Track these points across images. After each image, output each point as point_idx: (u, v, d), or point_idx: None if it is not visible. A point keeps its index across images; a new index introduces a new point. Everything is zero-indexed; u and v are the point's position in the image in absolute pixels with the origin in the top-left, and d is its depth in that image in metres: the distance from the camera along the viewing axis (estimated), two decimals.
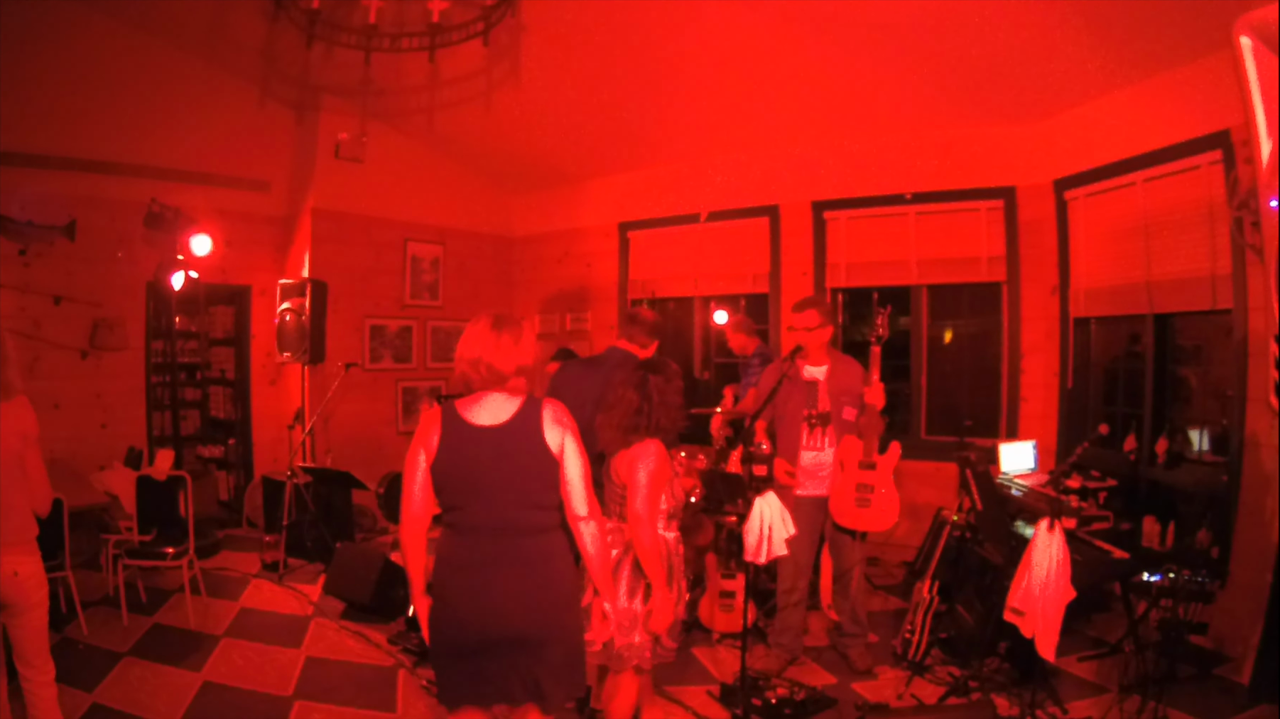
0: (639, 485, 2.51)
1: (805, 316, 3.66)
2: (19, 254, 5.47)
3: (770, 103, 5.49)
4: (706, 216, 6.64)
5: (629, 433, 2.59)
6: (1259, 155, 1.99)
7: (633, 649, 2.57)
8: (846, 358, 3.81)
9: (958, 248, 5.57)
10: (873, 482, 3.54)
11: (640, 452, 2.55)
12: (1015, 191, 5.36)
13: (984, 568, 3.88)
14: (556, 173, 7.46)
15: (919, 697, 3.43)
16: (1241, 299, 3.82)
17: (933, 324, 5.89)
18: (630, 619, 2.57)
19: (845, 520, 3.61)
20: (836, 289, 6.07)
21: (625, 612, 2.56)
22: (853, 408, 3.64)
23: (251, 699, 3.43)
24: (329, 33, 3.84)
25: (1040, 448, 4.71)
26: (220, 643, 4.00)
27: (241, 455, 6.80)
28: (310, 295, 5.82)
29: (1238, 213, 3.70)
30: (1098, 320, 4.98)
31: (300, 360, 5.90)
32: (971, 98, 5.00)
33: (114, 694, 3.38)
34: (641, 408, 2.58)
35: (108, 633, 4.04)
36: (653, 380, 2.64)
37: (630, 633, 2.57)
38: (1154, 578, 3.55)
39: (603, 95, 5.74)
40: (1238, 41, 1.99)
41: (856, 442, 3.58)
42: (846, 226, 5.98)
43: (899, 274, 5.78)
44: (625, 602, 2.57)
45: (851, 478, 3.58)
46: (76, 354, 5.73)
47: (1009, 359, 5.44)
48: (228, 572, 5.19)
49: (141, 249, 5.86)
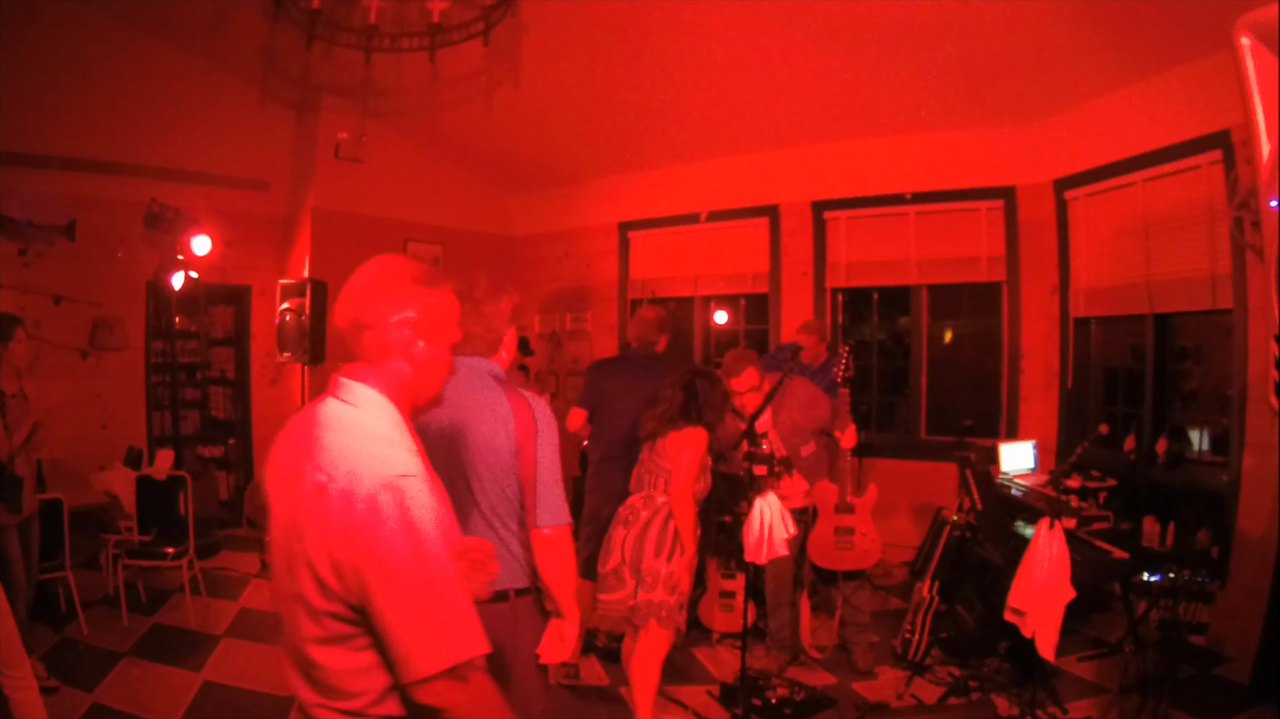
0: (683, 462, 2.93)
1: (744, 378, 3.36)
2: (19, 254, 5.47)
3: (770, 103, 5.48)
4: (706, 216, 6.64)
5: (669, 423, 2.99)
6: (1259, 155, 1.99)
7: (653, 606, 2.89)
8: (793, 386, 3.54)
9: (958, 248, 5.57)
10: (852, 523, 3.51)
11: (688, 436, 2.97)
12: (1015, 191, 5.36)
13: (984, 568, 3.88)
14: (556, 173, 7.45)
15: (919, 697, 3.43)
16: (1241, 299, 3.81)
17: (933, 324, 5.89)
18: (654, 576, 2.90)
19: (825, 563, 3.61)
20: (836, 289, 6.06)
21: (650, 569, 2.90)
22: (808, 441, 3.59)
23: (251, 699, 3.43)
24: (329, 33, 3.85)
25: (1040, 448, 4.71)
26: (220, 643, 4.01)
27: (241, 455, 6.80)
28: (310, 295, 5.81)
29: (1238, 213, 3.70)
30: (1098, 320, 4.98)
31: (300, 360, 5.89)
32: (971, 98, 5.00)
33: (114, 694, 3.38)
34: (687, 404, 2.99)
35: (108, 633, 4.04)
36: (699, 384, 3.05)
37: (654, 589, 2.89)
38: (1154, 578, 3.55)
39: (603, 95, 5.74)
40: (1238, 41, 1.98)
41: (830, 486, 3.57)
42: (846, 226, 5.98)
43: (899, 274, 5.78)
44: (651, 560, 2.91)
45: (829, 522, 3.56)
46: (76, 354, 5.73)
47: (1009, 359, 5.44)
48: (228, 572, 5.19)
49: (141, 249, 5.85)
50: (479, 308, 2.03)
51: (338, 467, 1.19)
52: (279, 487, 1.28)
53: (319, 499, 1.18)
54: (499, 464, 1.91)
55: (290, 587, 1.21)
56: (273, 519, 1.29)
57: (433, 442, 1.97)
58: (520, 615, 1.97)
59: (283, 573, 1.24)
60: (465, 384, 1.99)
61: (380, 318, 1.32)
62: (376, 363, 1.33)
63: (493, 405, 1.94)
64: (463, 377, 2.00)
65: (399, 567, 1.15)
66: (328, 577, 1.16)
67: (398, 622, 1.15)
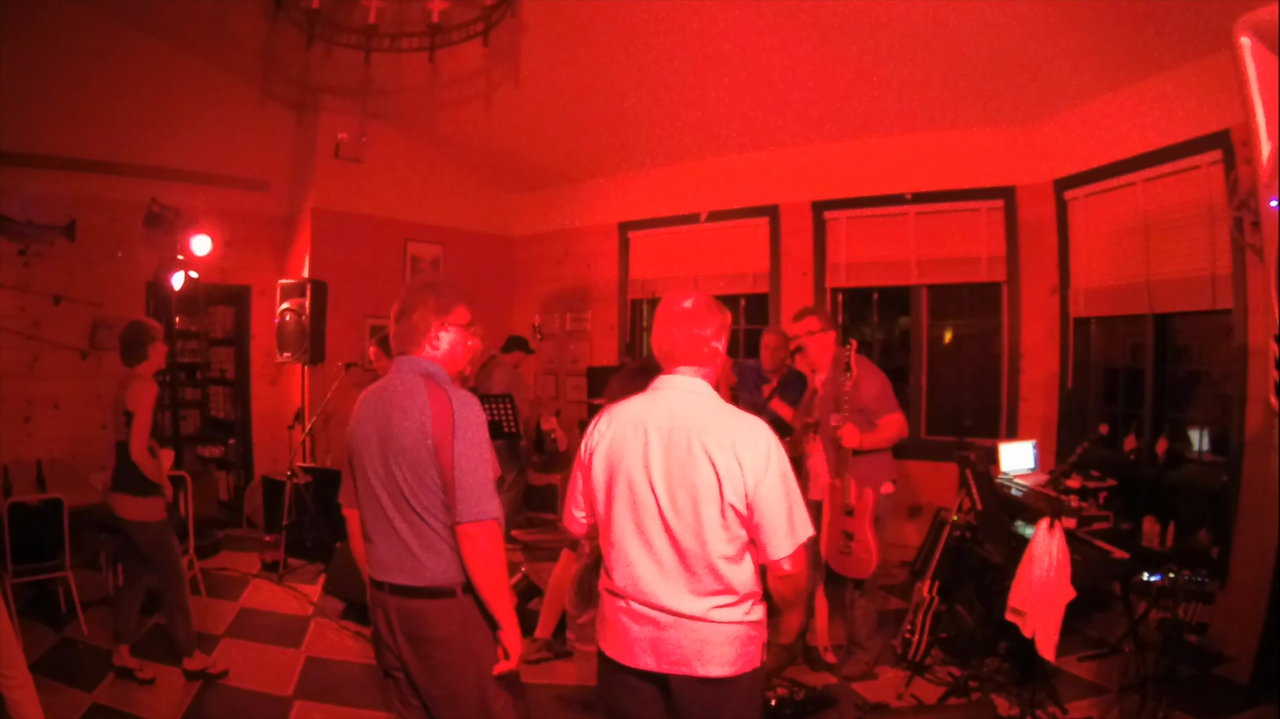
0: None
1: (806, 323, 3.68)
2: (19, 254, 5.47)
3: (770, 103, 5.48)
4: (706, 216, 6.64)
5: None
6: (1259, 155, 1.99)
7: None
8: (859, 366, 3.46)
9: (958, 248, 5.57)
10: (853, 528, 3.45)
11: None
12: (1015, 191, 5.36)
13: (984, 568, 3.88)
14: (556, 173, 7.46)
15: (919, 697, 3.43)
16: (1241, 299, 3.81)
17: (933, 324, 5.89)
18: None
19: (833, 565, 3.58)
20: (836, 289, 6.07)
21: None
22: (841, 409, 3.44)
23: (251, 699, 3.43)
24: (329, 33, 3.85)
25: (1040, 448, 4.71)
26: (220, 643, 4.00)
27: (241, 455, 6.80)
28: (310, 295, 5.82)
29: (1238, 213, 3.69)
30: (1098, 320, 4.98)
31: (300, 360, 5.90)
32: (971, 98, 5.00)
33: (114, 694, 3.38)
34: None
35: (108, 633, 4.03)
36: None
37: None
38: (1154, 578, 3.54)
39: (603, 95, 5.74)
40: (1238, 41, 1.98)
41: (837, 484, 3.50)
42: (846, 226, 5.98)
43: (899, 274, 5.78)
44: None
45: (837, 524, 3.52)
46: (76, 354, 5.73)
47: (1009, 359, 5.44)
48: (228, 572, 5.19)
49: (141, 249, 5.85)
50: (405, 304, 2.05)
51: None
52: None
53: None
54: (420, 460, 1.91)
55: (700, 536, 1.79)
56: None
57: (366, 442, 1.99)
58: (471, 611, 1.96)
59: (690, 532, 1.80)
60: (397, 383, 2.01)
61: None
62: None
63: (413, 401, 1.95)
64: (396, 375, 2.04)
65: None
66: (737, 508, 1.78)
67: (774, 511, 1.80)
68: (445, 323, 2.04)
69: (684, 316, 1.93)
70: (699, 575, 1.81)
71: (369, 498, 2.01)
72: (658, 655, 1.84)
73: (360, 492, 2.06)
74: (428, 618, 1.94)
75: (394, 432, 1.94)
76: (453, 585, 1.94)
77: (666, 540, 1.83)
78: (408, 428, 1.92)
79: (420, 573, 1.94)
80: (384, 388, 2.04)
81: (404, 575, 1.95)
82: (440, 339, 2.04)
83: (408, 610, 1.95)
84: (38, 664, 3.49)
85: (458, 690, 1.97)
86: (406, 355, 2.04)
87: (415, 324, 2.03)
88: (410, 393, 1.96)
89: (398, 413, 1.95)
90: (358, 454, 2.03)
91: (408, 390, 1.97)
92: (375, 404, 2.03)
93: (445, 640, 1.94)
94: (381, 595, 1.99)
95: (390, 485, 1.96)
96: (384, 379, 2.08)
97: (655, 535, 1.84)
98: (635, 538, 1.87)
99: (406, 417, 1.93)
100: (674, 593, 1.82)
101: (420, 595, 1.94)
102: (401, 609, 1.96)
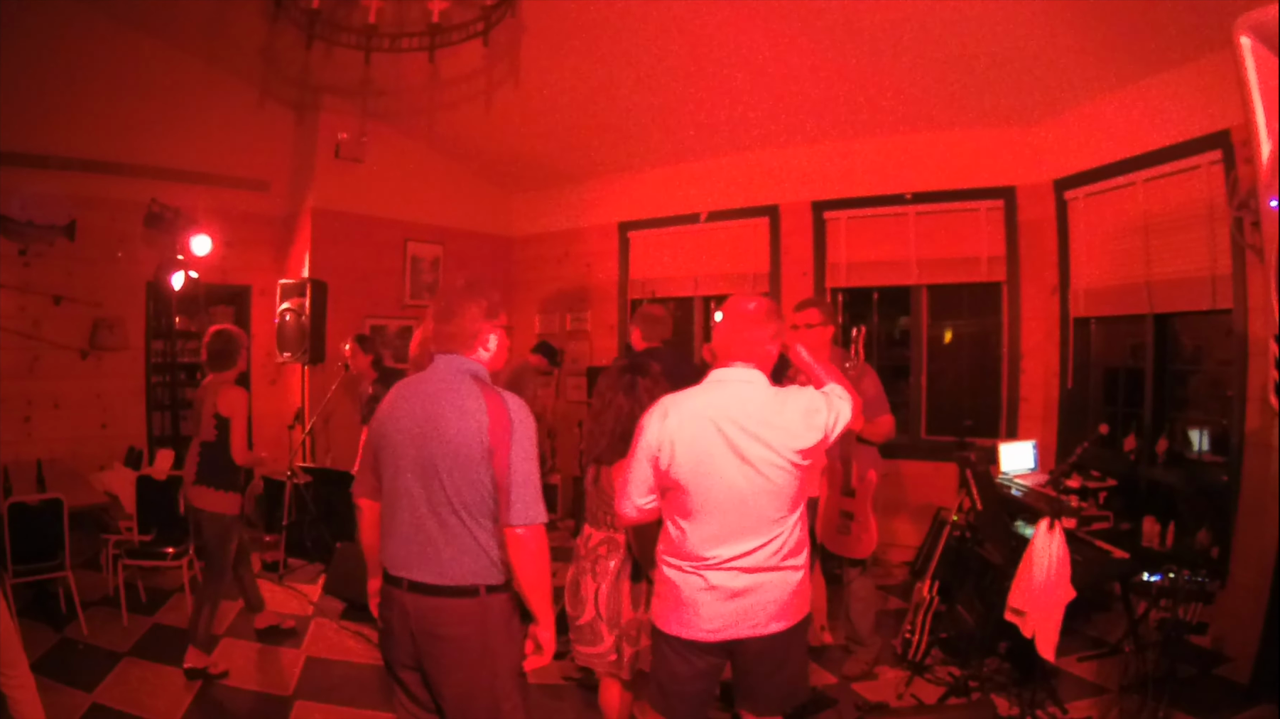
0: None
1: (807, 314, 3.61)
2: (19, 254, 5.47)
3: (770, 103, 5.48)
4: (706, 216, 6.64)
5: (623, 442, 2.39)
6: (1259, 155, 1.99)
7: (640, 657, 2.60)
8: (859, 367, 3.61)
9: (958, 248, 5.57)
10: (853, 508, 3.49)
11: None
12: (1015, 191, 5.36)
13: (984, 568, 3.88)
14: (556, 173, 7.46)
15: (919, 697, 3.43)
16: (1241, 299, 3.81)
17: (933, 324, 5.89)
18: (637, 628, 2.60)
19: (829, 545, 3.60)
20: (836, 289, 6.06)
21: (631, 622, 2.61)
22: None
23: (251, 699, 3.44)
24: (329, 33, 3.84)
25: (1040, 448, 4.71)
26: (220, 643, 4.00)
27: None
28: (310, 295, 5.82)
29: (1238, 213, 3.70)
30: (1098, 320, 4.98)
31: (300, 360, 5.90)
32: (971, 98, 5.00)
33: (114, 694, 3.38)
34: (634, 412, 2.43)
35: (108, 633, 4.04)
36: (642, 383, 2.56)
37: (638, 640, 2.60)
38: (1154, 578, 3.54)
39: (603, 95, 5.74)
40: (1238, 41, 1.99)
41: (836, 466, 3.55)
42: (846, 226, 5.98)
43: (899, 274, 5.78)
44: (631, 613, 2.61)
45: (835, 504, 3.56)
46: (76, 354, 5.73)
47: (1009, 359, 5.44)
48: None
49: (141, 249, 5.86)
50: (452, 306, 2.07)
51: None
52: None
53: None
54: (471, 461, 1.93)
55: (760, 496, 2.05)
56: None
57: (404, 438, 1.99)
58: (491, 612, 1.97)
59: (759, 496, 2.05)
60: (440, 381, 2.02)
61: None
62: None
63: (467, 403, 1.96)
64: (439, 374, 2.04)
65: None
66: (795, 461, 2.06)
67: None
68: (496, 325, 2.11)
69: (747, 319, 2.15)
70: (773, 534, 2.07)
71: (399, 492, 2.01)
72: (740, 620, 2.05)
73: (386, 486, 2.06)
74: (445, 616, 1.95)
75: (444, 430, 1.94)
76: (476, 585, 1.96)
77: (749, 506, 2.05)
78: (463, 428, 1.93)
79: (443, 571, 1.95)
80: (425, 385, 2.05)
81: (425, 572, 1.96)
82: (491, 341, 2.10)
83: (425, 608, 1.96)
84: (38, 664, 3.47)
85: (470, 690, 1.98)
86: (454, 355, 2.06)
87: (465, 326, 2.05)
88: (462, 393, 1.98)
89: (452, 412, 1.96)
90: (391, 448, 2.03)
91: (458, 390, 1.99)
92: (415, 400, 2.03)
93: (461, 640, 1.95)
94: (398, 591, 1.99)
95: (430, 482, 1.95)
96: (421, 375, 2.09)
97: (736, 507, 2.05)
98: (717, 512, 2.05)
99: (462, 417, 1.94)
100: (755, 554, 2.06)
101: (441, 594, 1.95)
102: (419, 606, 1.96)
